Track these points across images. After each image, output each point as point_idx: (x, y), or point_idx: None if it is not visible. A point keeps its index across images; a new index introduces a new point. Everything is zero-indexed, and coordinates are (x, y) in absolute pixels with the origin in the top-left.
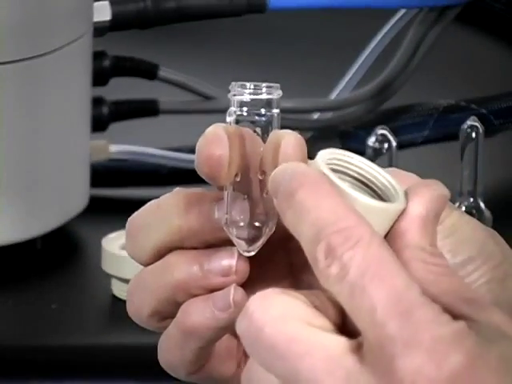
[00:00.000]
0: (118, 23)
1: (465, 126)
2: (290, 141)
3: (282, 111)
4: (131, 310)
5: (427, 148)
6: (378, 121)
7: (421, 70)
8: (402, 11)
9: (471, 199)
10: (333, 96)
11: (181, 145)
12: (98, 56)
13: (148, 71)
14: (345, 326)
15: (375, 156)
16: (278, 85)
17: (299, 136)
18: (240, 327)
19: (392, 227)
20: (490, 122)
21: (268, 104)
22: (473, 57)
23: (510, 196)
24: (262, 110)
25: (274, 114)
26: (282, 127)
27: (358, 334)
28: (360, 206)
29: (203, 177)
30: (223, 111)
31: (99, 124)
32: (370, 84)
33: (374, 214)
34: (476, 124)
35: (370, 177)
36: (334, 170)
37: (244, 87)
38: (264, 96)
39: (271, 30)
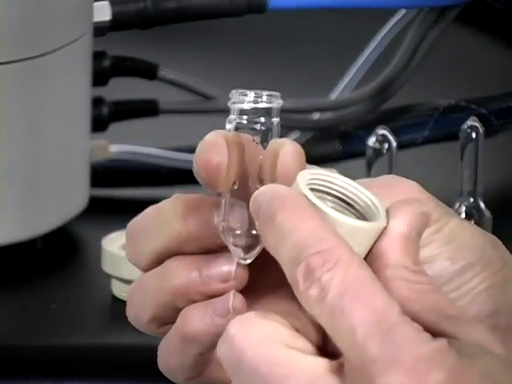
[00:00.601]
0: (118, 23)
1: (465, 126)
2: (288, 150)
3: (282, 111)
4: (131, 314)
5: (427, 148)
6: (378, 121)
7: (421, 70)
8: (402, 11)
9: (471, 199)
10: (333, 96)
11: (181, 145)
12: (98, 56)
13: (148, 71)
14: (326, 348)
15: (375, 156)
16: (278, 94)
17: (298, 145)
18: (221, 351)
19: (374, 245)
20: (490, 122)
21: (268, 113)
22: (473, 57)
23: (510, 196)
24: (262, 119)
25: (274, 123)
26: (283, 127)
27: (340, 355)
28: (340, 227)
29: (201, 182)
30: (223, 111)
31: (99, 124)
32: (370, 84)
33: (355, 233)
34: (476, 124)
35: (351, 196)
36: (315, 190)
37: (244, 95)
38: (264, 105)
39: (271, 30)
